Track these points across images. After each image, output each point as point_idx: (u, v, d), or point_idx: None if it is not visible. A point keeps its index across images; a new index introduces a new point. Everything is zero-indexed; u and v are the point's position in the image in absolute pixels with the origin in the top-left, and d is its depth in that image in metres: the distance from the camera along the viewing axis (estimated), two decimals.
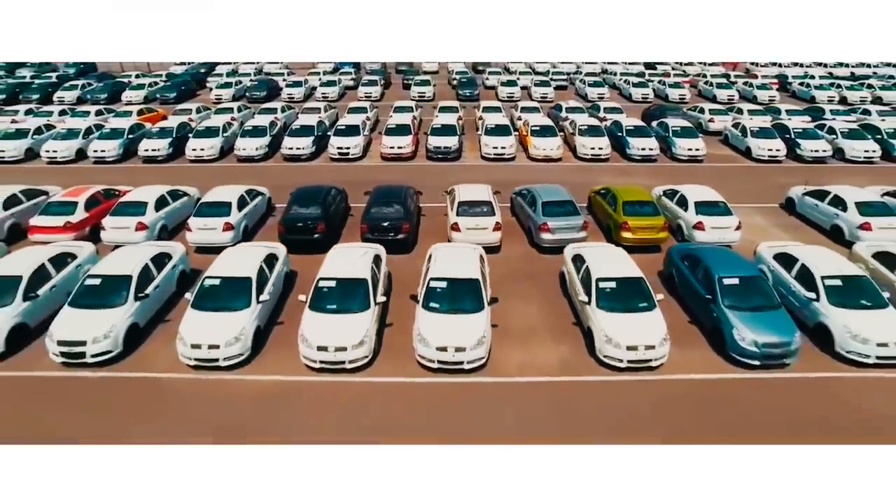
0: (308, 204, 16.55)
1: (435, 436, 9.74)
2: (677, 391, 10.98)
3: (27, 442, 9.36)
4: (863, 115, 31.18)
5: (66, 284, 13.18)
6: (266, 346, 12.26)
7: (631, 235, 15.96)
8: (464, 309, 11.51)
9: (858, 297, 12.04)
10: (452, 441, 9.59)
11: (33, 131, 26.43)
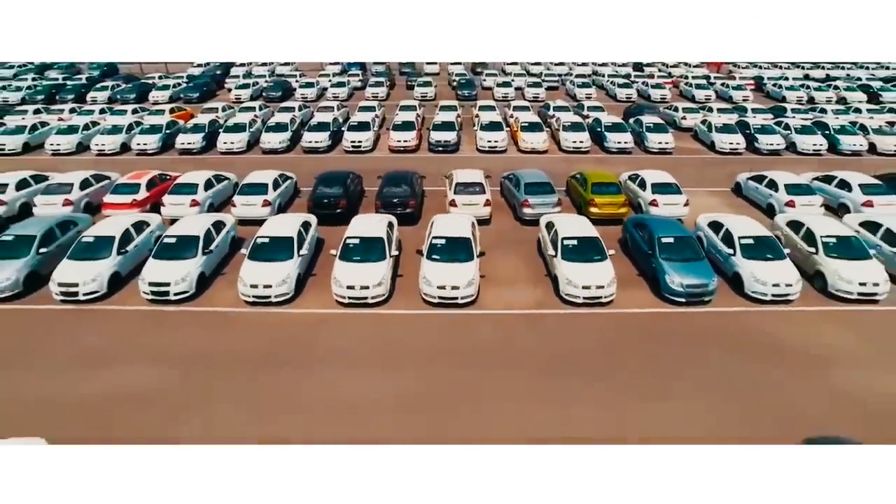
0: (331, 185, 20.07)
1: (435, 350, 13.22)
2: (622, 320, 14.45)
3: (129, 357, 12.95)
4: (820, 113, 34.62)
5: (144, 244, 16.75)
6: (304, 289, 15.75)
7: (597, 210, 19.44)
8: (458, 259, 15.00)
9: (764, 251, 15.52)
10: (449, 351, 13.09)
11: (82, 128, 29.97)
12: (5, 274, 15.04)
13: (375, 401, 11.51)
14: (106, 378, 12.20)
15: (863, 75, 53.26)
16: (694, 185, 24.09)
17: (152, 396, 11.65)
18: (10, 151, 28.65)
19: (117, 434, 10.57)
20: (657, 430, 10.75)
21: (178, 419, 11.03)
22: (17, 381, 12.13)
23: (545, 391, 11.80)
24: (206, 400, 11.57)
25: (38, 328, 14.07)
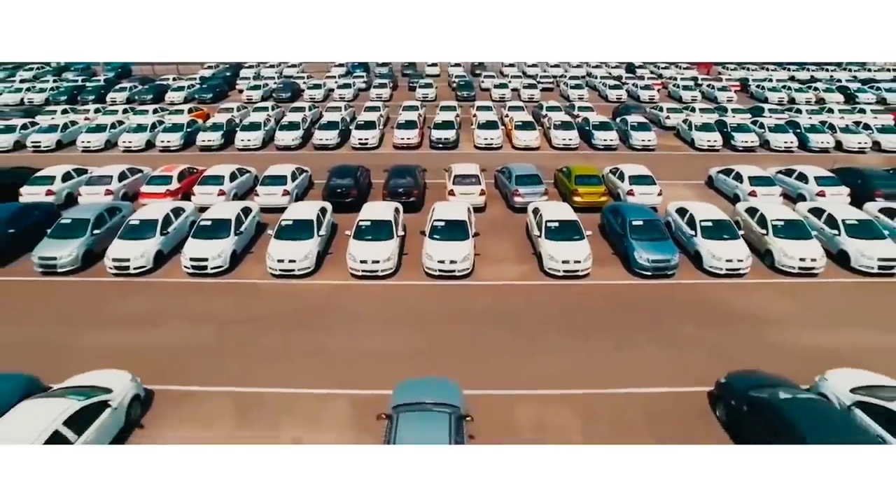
0: (343, 177, 22.51)
1: (436, 312, 15.64)
2: (597, 290, 16.85)
3: (177, 318, 15.39)
4: (796, 113, 37.03)
5: (182, 227, 19.21)
6: (323, 265, 18.18)
7: (580, 199, 21.85)
8: (456, 238, 17.43)
9: (721, 233, 17.93)
10: (448, 313, 15.50)
11: (109, 126, 32.41)
12: (67, 251, 17.50)
13: (387, 350, 13.93)
14: (161, 334, 14.64)
15: (844, 77, 55.62)
16: (672, 179, 26.60)
17: (199, 347, 14.09)
18: (45, 148, 31.09)
19: (176, 375, 13.01)
20: (621, 371, 13.17)
21: (224, 364, 13.46)
22: (88, 335, 14.56)
23: (530, 343, 14.22)
24: (245, 350, 14.01)
25: (97, 296, 16.51)
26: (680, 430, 11.45)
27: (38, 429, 9.37)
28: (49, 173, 23.17)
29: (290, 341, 14.38)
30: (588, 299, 16.33)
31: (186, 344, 14.22)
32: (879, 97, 44.75)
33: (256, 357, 13.73)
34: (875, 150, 31.46)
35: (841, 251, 18.11)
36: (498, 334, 14.64)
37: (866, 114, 36.51)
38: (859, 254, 17.55)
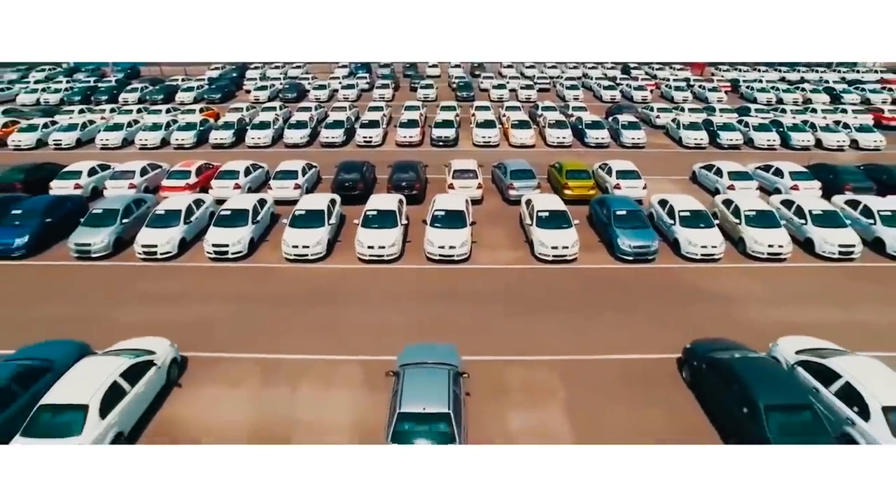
0: (350, 171, 24.18)
1: (436, 292, 17.30)
2: (583, 273, 18.51)
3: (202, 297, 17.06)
4: (781, 113, 38.68)
5: (202, 217, 20.90)
6: (333, 251, 19.86)
7: (570, 192, 23.51)
8: (455, 226, 19.11)
9: (698, 221, 19.60)
10: (447, 293, 17.16)
11: (126, 125, 34.10)
12: (99, 238, 19.19)
13: (392, 323, 15.60)
14: (189, 310, 16.32)
15: (833, 78, 57.24)
16: (660, 174, 28.29)
17: (224, 321, 15.77)
18: (65, 146, 32.78)
19: (206, 344, 14.68)
20: (601, 340, 14.84)
21: (247, 335, 15.13)
22: (124, 311, 16.22)
23: (520, 318, 15.88)
24: (265, 323, 15.68)
25: (129, 278, 18.19)
26: (650, 388, 13.12)
27: (100, 379, 11.04)
28: (76, 169, 24.86)
29: (305, 316, 16.05)
30: (574, 281, 18.01)
31: (213, 318, 15.89)
32: (864, 98, 46.37)
33: (276, 329, 15.40)
34: (853, 147, 33.11)
35: (807, 238, 19.78)
36: (491, 310, 16.31)
37: (847, 114, 38.12)
38: (823, 241, 19.22)
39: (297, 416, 12.26)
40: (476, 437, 11.56)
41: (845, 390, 11.15)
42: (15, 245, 19.14)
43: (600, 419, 12.17)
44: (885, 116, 37.82)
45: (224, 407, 12.56)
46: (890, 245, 19.29)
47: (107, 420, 10.69)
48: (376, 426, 11.79)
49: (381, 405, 12.39)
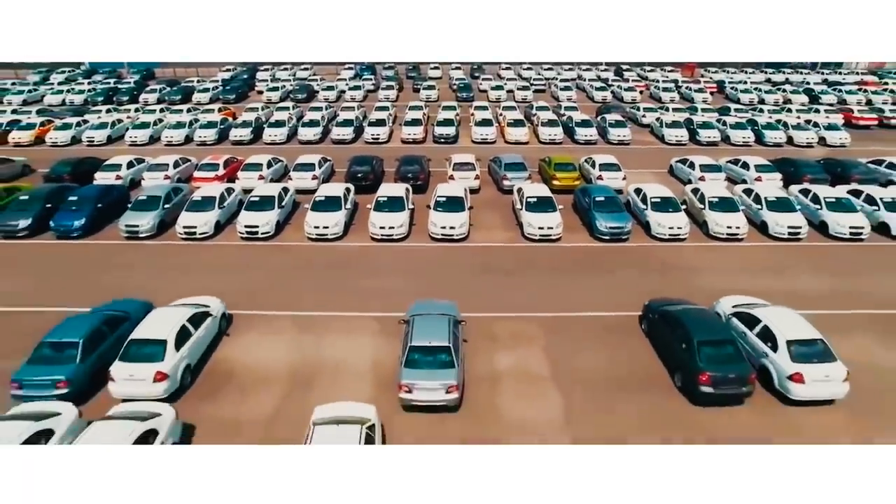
0: (361, 164, 27.09)
1: (438, 264, 20.19)
2: (565, 250, 21.39)
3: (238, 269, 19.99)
4: (759, 112, 41.55)
5: (233, 203, 23.83)
6: (349, 232, 22.76)
7: (558, 182, 26.41)
8: (455, 210, 22.01)
9: (666, 206, 22.48)
10: (448, 265, 20.06)
11: (152, 123, 37.02)
12: (146, 220, 22.10)
13: (401, 288, 18.47)
14: (229, 278, 19.21)
15: (815, 79, 59.98)
16: (642, 168, 31.18)
17: (259, 287, 18.67)
18: (97, 143, 35.70)
19: (246, 304, 17.57)
20: (579, 302, 17.70)
21: (279, 297, 18.02)
22: (173, 279, 19.11)
23: (510, 284, 18.77)
24: (293, 289, 18.56)
25: (173, 254, 21.11)
26: (615, 337, 16.01)
27: (173, 322, 13.95)
28: (116, 162, 27.79)
29: (327, 283, 18.94)
30: (558, 256, 20.91)
31: (249, 284, 18.80)
32: (840, 98, 49.20)
33: (303, 293, 18.31)
34: (822, 144, 35.98)
35: (762, 221, 22.66)
36: (485, 278, 19.20)
37: (820, 113, 40.96)
38: (775, 223, 22.10)
39: (325, 356, 15.17)
40: (470, 372, 14.45)
41: (764, 331, 14.04)
42: (74, 227, 22.06)
43: (572, 359, 15.06)
44: (854, 116, 40.64)
45: (264, 350, 15.46)
46: (832, 227, 22.17)
47: (180, 352, 13.61)
48: (390, 363, 14.68)
49: (393, 347, 15.28)
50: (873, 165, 28.72)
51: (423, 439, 12.35)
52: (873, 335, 16.10)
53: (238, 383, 14.20)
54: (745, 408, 13.35)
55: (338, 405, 11.83)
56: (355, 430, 10.67)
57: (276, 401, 13.56)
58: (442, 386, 12.62)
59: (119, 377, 12.97)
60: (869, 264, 20.38)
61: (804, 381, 12.88)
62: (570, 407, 13.36)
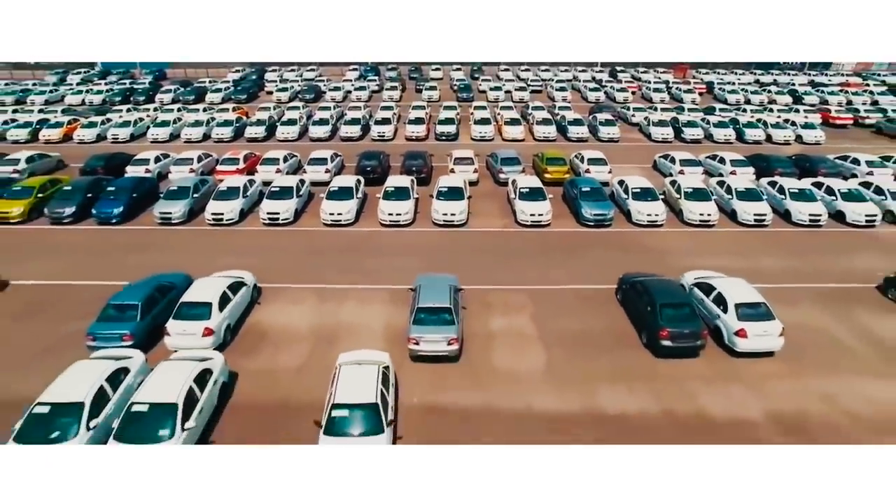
0: (370, 159, 29.62)
1: (441, 246, 22.71)
2: (554, 234, 23.91)
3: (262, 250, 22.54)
4: (742, 112, 44.04)
5: (255, 192, 26.38)
6: (360, 218, 25.29)
7: (549, 175, 28.92)
8: (455, 198, 24.54)
9: (646, 196, 24.99)
10: (449, 247, 22.58)
11: (172, 122, 39.55)
12: (178, 208, 24.63)
13: (407, 266, 20.95)
14: (255, 258, 21.70)
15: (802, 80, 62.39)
16: (629, 163, 33.67)
17: (283, 265, 21.18)
18: (121, 140, 38.23)
19: (272, 278, 20.07)
20: (564, 276, 20.20)
21: (301, 273, 20.52)
22: (205, 258, 21.62)
23: (505, 262, 21.27)
24: (313, 266, 21.07)
25: (203, 238, 23.63)
26: (593, 305, 18.51)
27: (216, 289, 16.45)
28: (144, 157, 30.34)
29: (342, 261, 21.46)
30: (547, 239, 23.42)
31: (273, 262, 21.31)
32: (822, 99, 51.66)
33: (321, 269, 20.82)
34: (798, 142, 38.46)
35: (732, 210, 25.16)
36: (482, 257, 21.72)
37: (800, 113, 43.44)
38: (743, 211, 24.61)
39: (343, 320, 17.69)
40: (468, 332, 16.95)
41: (717, 297, 16.54)
42: (113, 213, 24.60)
43: (556, 323, 17.56)
44: (832, 116, 43.12)
45: (291, 316, 17.98)
46: (794, 215, 24.68)
47: (223, 313, 16.14)
48: (400, 325, 17.18)
49: (402, 313, 17.78)
50: (840, 161, 31.21)
51: (428, 384, 14.87)
52: (815, 304, 18.62)
53: (270, 341, 16.73)
54: (700, 360, 15.86)
55: (358, 352, 14.36)
56: (373, 368, 13.18)
57: (304, 354, 16.09)
58: (444, 339, 15.13)
59: (174, 332, 15.50)
60: (823, 247, 22.89)
61: (747, 335, 15.39)
62: (551, 360, 15.87)
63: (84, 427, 11.80)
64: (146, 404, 12.01)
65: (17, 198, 25.07)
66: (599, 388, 14.68)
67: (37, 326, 17.29)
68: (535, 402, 14.19)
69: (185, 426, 11.91)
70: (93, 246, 22.89)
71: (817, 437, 13.07)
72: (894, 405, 14.11)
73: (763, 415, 13.78)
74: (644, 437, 13.02)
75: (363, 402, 12.12)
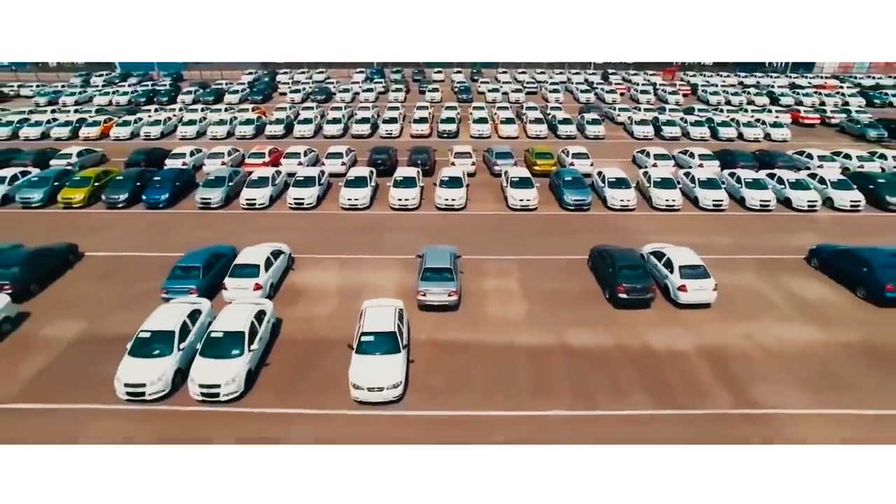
0: (381, 153, 33.63)
1: (443, 226, 26.68)
2: (540, 217, 27.86)
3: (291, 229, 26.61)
4: (720, 112, 47.95)
5: (281, 182, 30.41)
6: (374, 203, 29.27)
7: (538, 167, 32.90)
8: (455, 186, 28.54)
9: (620, 184, 28.94)
10: (450, 226, 26.55)
11: (198, 120, 43.55)
12: (216, 194, 28.63)
13: (415, 240, 24.85)
14: (284, 235, 25.65)
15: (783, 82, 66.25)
16: (612, 157, 37.60)
17: (308, 240, 25.13)
18: (153, 137, 42.24)
19: (302, 250, 24.02)
20: (547, 249, 24.13)
21: (325, 246, 24.48)
22: (244, 236, 25.54)
23: (497, 238, 25.20)
24: (334, 241, 25.04)
25: (239, 219, 27.60)
26: (569, 271, 22.44)
27: (262, 254, 20.44)
28: (180, 151, 34.37)
29: (360, 238, 25.41)
30: (533, 221, 27.37)
31: (302, 238, 25.26)
32: (797, 100, 55.53)
33: (342, 244, 24.78)
34: (767, 139, 42.37)
35: (695, 196, 29.10)
36: (478, 234, 25.66)
37: (772, 113, 47.35)
38: (704, 198, 28.54)
39: (363, 281, 21.64)
40: (465, 290, 20.87)
41: (667, 261, 20.48)
42: (161, 199, 28.60)
43: (537, 284, 21.49)
44: (801, 116, 47.04)
45: (320, 278, 21.93)
46: (748, 201, 28.62)
47: (268, 273, 20.12)
48: (409, 284, 21.11)
49: (411, 276, 21.71)
50: (796, 155, 35.13)
51: (433, 326, 18.80)
52: (752, 270, 22.56)
53: (306, 297, 20.70)
54: (650, 310, 19.79)
55: (378, 300, 18.32)
56: (391, 308, 17.13)
57: (333, 305, 20.06)
58: (445, 291, 19.08)
59: (230, 287, 19.46)
60: (769, 227, 26.83)
61: (687, 290, 19.33)
62: (531, 310, 19.80)
63: (176, 347, 15.78)
64: (221, 332, 15.99)
65: (79, 186, 29.09)
66: (568, 330, 18.62)
67: (115, 286, 21.29)
68: (517, 339, 18.14)
69: (250, 347, 15.89)
70: (144, 226, 26.88)
71: (732, 362, 17.00)
72: (796, 342, 18.04)
73: (693, 347, 17.73)
74: (598, 361, 16.97)
75: (385, 331, 16.08)
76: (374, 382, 14.88)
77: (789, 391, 15.76)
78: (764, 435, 14.14)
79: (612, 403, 15.31)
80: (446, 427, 14.43)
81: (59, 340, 17.94)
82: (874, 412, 14.95)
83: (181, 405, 15.17)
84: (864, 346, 17.74)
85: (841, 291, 20.99)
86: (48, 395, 15.51)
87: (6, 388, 15.73)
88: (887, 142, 41.43)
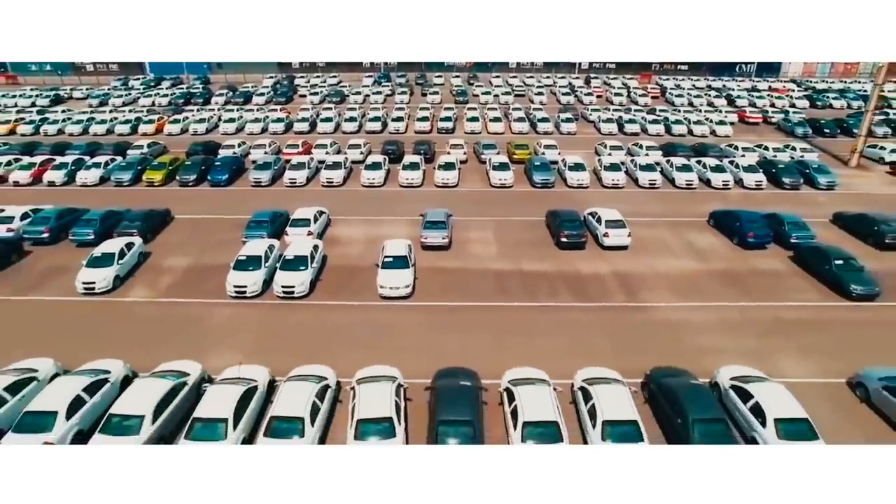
0: (391, 145, 42.15)
1: (442, 197, 35.11)
2: (515, 193, 36.23)
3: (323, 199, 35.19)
4: (675, 111, 56.27)
5: (314, 167, 38.91)
6: (387, 183, 37.71)
7: (516, 156, 41.34)
8: (450, 169, 37.00)
9: (578, 168, 37.31)
10: (447, 198, 34.98)
11: (236, 118, 52.01)
12: (265, 175, 37.10)
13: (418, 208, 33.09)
14: (321, 203, 34.09)
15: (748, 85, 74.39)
16: (578, 149, 45.99)
17: (341, 207, 33.52)
18: (199, 133, 50.67)
19: (334, 211, 32.45)
20: (516, 212, 32.50)
21: (354, 209, 32.90)
22: (289, 204, 33.98)
23: (481, 207, 33.54)
24: (359, 207, 33.44)
25: (284, 194, 36.04)
26: (532, 229, 30.82)
27: (311, 213, 28.93)
28: (230, 143, 42.92)
29: (379, 205, 33.81)
30: (509, 195, 35.78)
31: (335, 205, 33.61)
32: (751, 101, 63.75)
33: (366, 209, 33.19)
34: (713, 135, 50.63)
35: (636, 178, 37.49)
36: (466, 204, 34.03)
37: (721, 112, 55.67)
38: (643, 178, 36.91)
39: (382, 233, 30.04)
40: (455, 238, 29.28)
41: (598, 218, 28.87)
42: (222, 180, 37.10)
43: (506, 234, 29.88)
44: (747, 115, 55.35)
45: (350, 231, 30.34)
46: (677, 181, 36.99)
47: (316, 224, 28.64)
48: (415, 235, 29.48)
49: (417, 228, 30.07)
50: (727, 147, 43.45)
51: (432, 259, 27.19)
52: (664, 228, 30.95)
53: (342, 242, 29.13)
54: (584, 251, 28.16)
55: (394, 240, 26.80)
56: (405, 242, 25.69)
57: (361, 247, 28.48)
58: (440, 236, 27.50)
59: (291, 233, 27.89)
60: (691, 201, 35.19)
61: (609, 236, 27.70)
62: (500, 251, 28.16)
63: (263, 265, 24.18)
64: (292, 255, 24.38)
65: (158, 170, 37.60)
66: (524, 262, 27.00)
67: (203, 236, 29.74)
68: (490, 267, 26.52)
69: (311, 265, 24.28)
70: (211, 199, 35.34)
71: (632, 279, 25.34)
72: (680, 269, 26.38)
73: (609, 272, 26.09)
74: (543, 279, 25.34)
75: (400, 255, 24.46)
76: (394, 284, 23.30)
77: (664, 294, 24.16)
78: (641, 318, 22.51)
79: (548, 299, 23.74)
80: (439, 312, 22.84)
81: (178, 267, 26.44)
82: (713, 304, 23.36)
83: (268, 300, 23.62)
84: (723, 272, 26.14)
85: (723, 240, 29.41)
86: (183, 293, 24.00)
87: (156, 291, 24.26)
88: (811, 137, 49.69)
